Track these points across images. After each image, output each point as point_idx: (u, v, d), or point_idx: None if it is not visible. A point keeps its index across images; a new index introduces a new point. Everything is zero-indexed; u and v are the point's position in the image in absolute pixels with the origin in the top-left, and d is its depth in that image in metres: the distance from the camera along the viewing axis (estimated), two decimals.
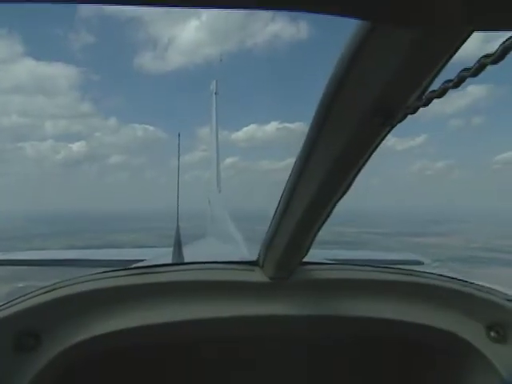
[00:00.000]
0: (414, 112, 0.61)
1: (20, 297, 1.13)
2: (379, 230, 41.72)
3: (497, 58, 0.40)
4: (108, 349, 1.23)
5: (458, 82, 0.48)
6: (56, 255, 9.18)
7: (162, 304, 1.20)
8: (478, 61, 0.43)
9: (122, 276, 1.21)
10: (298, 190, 0.93)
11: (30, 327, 1.08)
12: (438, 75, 0.56)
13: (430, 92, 0.55)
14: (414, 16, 0.42)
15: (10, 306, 1.09)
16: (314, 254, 1.37)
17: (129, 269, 1.25)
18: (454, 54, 0.51)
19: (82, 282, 1.18)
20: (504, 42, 0.39)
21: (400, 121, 0.65)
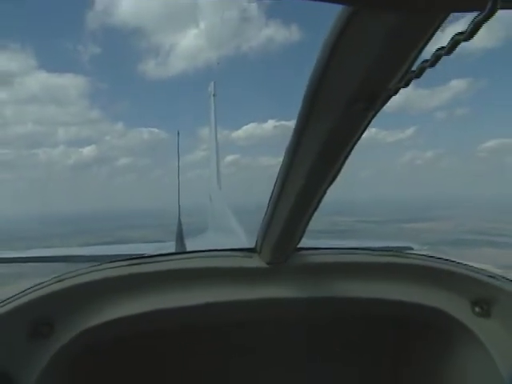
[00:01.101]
0: (395, 93, 0.60)
1: (33, 287, 1.13)
2: (373, 218, 41.75)
3: (468, 34, 0.40)
4: (116, 334, 1.24)
5: (434, 61, 0.47)
6: (63, 252, 9.27)
7: (165, 291, 1.20)
8: (452, 38, 0.42)
9: (127, 266, 1.21)
10: (289, 179, 0.93)
11: (43, 315, 1.09)
12: (418, 57, 0.54)
13: (410, 73, 0.54)
14: (394, 0, 0.41)
15: (23, 296, 1.09)
16: (310, 244, 1.38)
17: (133, 259, 1.24)
18: (432, 36, 0.50)
19: (90, 272, 1.18)
20: (474, 19, 0.39)
21: (383, 104, 0.63)
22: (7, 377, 0.98)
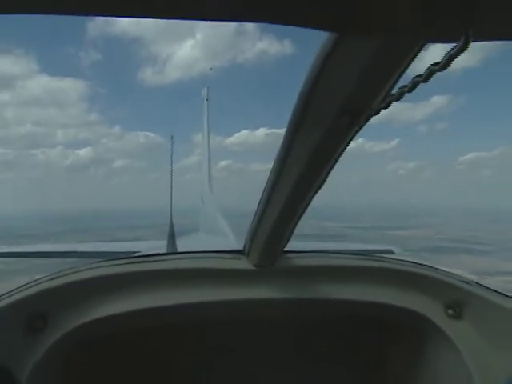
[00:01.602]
0: (376, 113, 0.62)
1: (29, 282, 1.12)
2: (359, 224, 41.96)
3: (443, 65, 0.41)
4: (109, 331, 1.23)
5: (411, 87, 0.49)
6: (61, 248, 9.16)
7: (157, 290, 1.20)
8: (428, 68, 0.44)
9: (120, 264, 1.21)
10: (277, 186, 0.94)
11: (38, 310, 1.08)
12: (399, 80, 0.56)
13: (390, 96, 0.56)
14: (375, 29, 0.43)
15: (20, 291, 1.08)
16: (296, 246, 1.38)
17: (126, 258, 1.24)
18: (411, 61, 0.52)
19: (84, 270, 1.18)
20: (449, 51, 0.40)
21: (366, 121, 0.66)
22: (6, 370, 0.97)
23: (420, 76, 0.46)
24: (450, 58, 0.40)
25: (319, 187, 0.92)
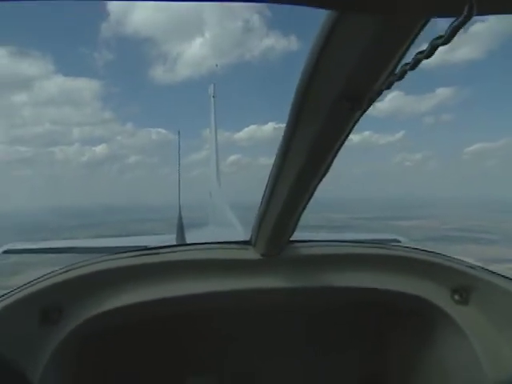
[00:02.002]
0: (378, 95, 0.58)
1: (43, 275, 1.12)
2: (366, 215, 41.70)
3: (447, 38, 0.39)
4: (121, 321, 1.24)
5: (414, 64, 0.46)
6: (68, 244, 9.25)
7: (166, 281, 1.20)
8: (430, 43, 0.41)
9: (130, 257, 1.20)
10: (281, 176, 0.92)
11: (52, 302, 1.08)
12: (401, 61, 0.53)
13: (392, 75, 0.53)
14: (376, 4, 0.41)
15: (35, 284, 1.08)
16: (303, 237, 1.37)
17: (136, 250, 1.24)
18: (414, 39, 0.49)
19: (96, 263, 1.18)
20: (451, 24, 0.38)
21: (368, 105, 0.62)
22: (17, 364, 0.97)
23: (422, 52, 0.43)
24: (453, 30, 0.37)
25: (323, 176, 0.89)
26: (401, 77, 0.51)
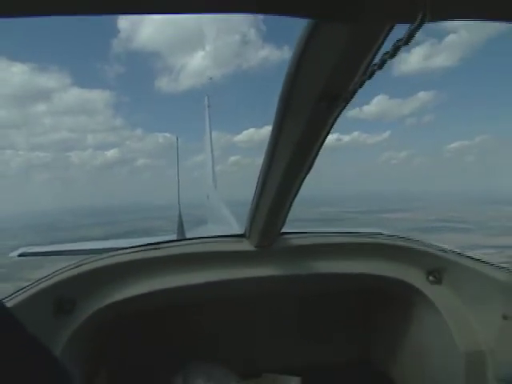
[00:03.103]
0: (352, 95, 0.59)
1: (59, 270, 1.12)
2: (355, 209, 41.77)
3: (406, 40, 0.41)
4: (128, 311, 1.24)
5: (381, 64, 0.48)
6: (80, 246, 9.18)
7: (168, 272, 1.19)
8: (394, 45, 0.44)
9: (136, 251, 1.20)
10: (270, 172, 0.91)
11: (66, 294, 1.08)
12: (372, 62, 0.53)
13: (363, 76, 0.54)
14: (341, 14, 0.43)
15: (50, 278, 1.08)
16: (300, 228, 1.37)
17: (141, 245, 1.24)
18: (383, 43, 0.51)
19: (105, 258, 1.18)
20: (409, 28, 0.41)
21: (344, 103, 0.62)
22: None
23: (387, 53, 0.46)
24: (410, 33, 0.40)
25: (308, 171, 0.89)
26: (370, 76, 0.52)
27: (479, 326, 1.13)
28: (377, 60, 0.48)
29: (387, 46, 0.46)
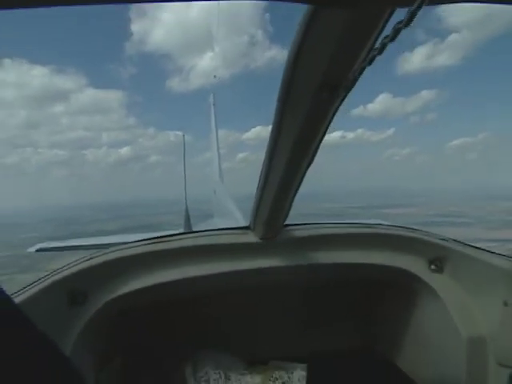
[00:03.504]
0: (353, 83, 0.57)
1: (71, 262, 1.12)
2: (359, 204, 41.29)
3: (406, 22, 0.39)
4: (137, 301, 1.23)
5: (381, 49, 0.46)
6: (94, 241, 9.17)
7: (176, 264, 1.19)
8: (394, 27, 0.42)
9: (145, 244, 1.20)
10: (272, 165, 0.89)
11: (79, 286, 1.08)
12: (373, 47, 0.51)
13: (363, 62, 0.52)
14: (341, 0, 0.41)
15: (62, 270, 1.08)
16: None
17: (150, 238, 1.22)
18: (383, 28, 0.48)
19: (115, 251, 1.17)
20: (409, 10, 0.39)
21: (345, 91, 0.60)
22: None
23: (387, 37, 0.43)
24: (411, 15, 0.38)
25: (310, 163, 0.86)
26: (370, 62, 0.50)
27: (481, 314, 1.11)
28: (377, 45, 0.46)
29: (387, 31, 0.44)
